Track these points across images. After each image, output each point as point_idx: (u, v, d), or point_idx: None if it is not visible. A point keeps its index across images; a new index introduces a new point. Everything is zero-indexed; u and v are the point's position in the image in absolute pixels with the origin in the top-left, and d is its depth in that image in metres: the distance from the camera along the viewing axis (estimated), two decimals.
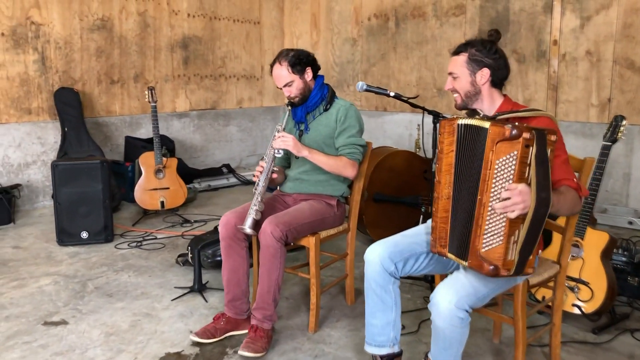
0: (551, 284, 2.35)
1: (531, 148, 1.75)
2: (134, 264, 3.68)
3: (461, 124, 1.97)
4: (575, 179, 2.00)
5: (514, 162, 1.76)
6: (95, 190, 4.04)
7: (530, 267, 1.87)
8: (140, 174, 4.64)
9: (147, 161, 4.61)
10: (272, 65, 2.81)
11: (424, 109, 2.98)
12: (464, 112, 2.27)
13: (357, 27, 6.33)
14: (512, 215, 1.76)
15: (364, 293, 2.22)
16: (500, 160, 1.79)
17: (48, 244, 4.05)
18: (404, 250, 2.12)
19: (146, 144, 5.25)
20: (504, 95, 2.22)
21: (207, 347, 2.61)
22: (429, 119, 2.96)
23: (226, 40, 6.38)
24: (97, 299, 3.13)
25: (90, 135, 5.11)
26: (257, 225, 2.59)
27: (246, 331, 2.72)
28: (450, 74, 2.20)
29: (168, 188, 4.63)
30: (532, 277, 2.15)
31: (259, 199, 2.60)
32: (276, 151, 2.67)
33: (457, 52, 2.18)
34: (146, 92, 4.68)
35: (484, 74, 2.13)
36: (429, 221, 2.17)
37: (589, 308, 2.75)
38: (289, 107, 2.81)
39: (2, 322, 2.85)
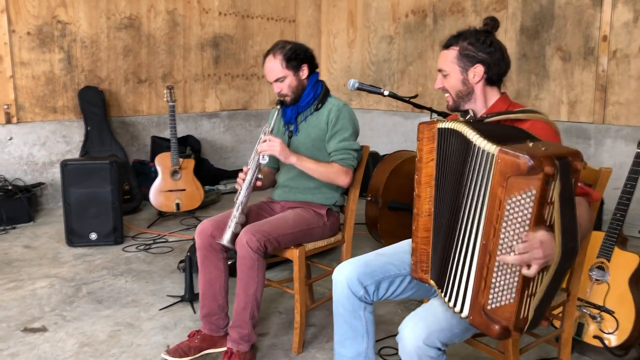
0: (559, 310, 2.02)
1: (553, 184, 1.35)
2: (135, 269, 3.56)
3: (442, 128, 1.68)
4: (580, 184, 1.67)
5: (530, 204, 1.36)
6: (104, 191, 3.96)
7: (546, 319, 1.53)
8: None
9: (163, 162, 4.50)
10: (265, 57, 2.58)
11: (431, 109, 2.68)
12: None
13: (394, 24, 6.03)
14: (530, 271, 1.38)
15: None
16: (513, 199, 1.37)
17: (58, 245, 4.00)
18: (376, 272, 1.85)
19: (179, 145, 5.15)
20: (502, 93, 1.91)
21: None
22: None
23: (259, 38, 6.23)
24: (85, 305, 3.01)
25: (114, 135, 5.06)
26: (236, 238, 2.38)
27: (224, 349, 2.51)
28: (439, 70, 1.92)
29: (184, 190, 4.51)
30: None
31: (240, 210, 2.38)
32: (261, 157, 2.44)
33: (447, 45, 1.89)
34: (165, 92, 4.57)
35: (477, 72, 1.84)
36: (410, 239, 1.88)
37: (614, 341, 2.38)
38: (279, 106, 2.58)
39: None
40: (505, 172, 1.39)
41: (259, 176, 2.46)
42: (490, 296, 1.44)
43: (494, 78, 1.85)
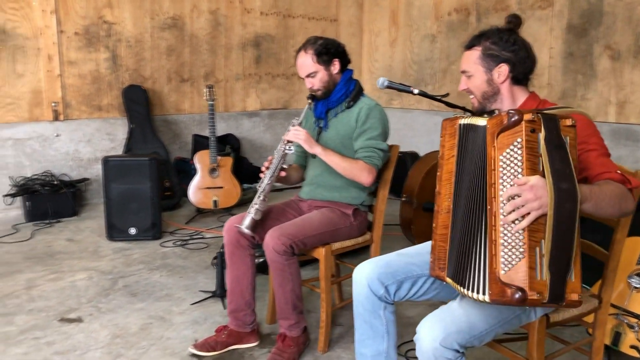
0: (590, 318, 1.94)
1: (539, 133, 1.42)
2: (171, 264, 3.62)
3: (462, 124, 1.65)
4: (619, 171, 1.61)
5: (519, 152, 1.43)
6: (144, 187, 4.05)
7: (575, 292, 1.44)
8: None
9: (202, 159, 4.57)
10: (297, 53, 2.60)
11: (464, 108, 2.62)
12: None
13: (436, 22, 5.95)
14: (526, 221, 1.40)
15: None
16: (504, 154, 1.46)
17: (99, 239, 4.12)
18: (398, 272, 1.82)
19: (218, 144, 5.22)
20: (530, 92, 1.85)
21: (205, 359, 2.45)
22: None
23: (300, 38, 6.24)
24: (120, 298, 3.08)
25: (156, 133, 5.18)
26: (257, 226, 2.40)
27: (252, 345, 2.55)
28: (463, 72, 1.87)
29: (222, 187, 4.57)
30: (554, 313, 1.77)
31: (262, 197, 2.39)
32: (287, 147, 2.45)
33: (469, 46, 1.85)
34: (204, 90, 4.64)
35: (502, 71, 1.79)
36: None
37: None
38: (310, 101, 2.59)
39: (23, 314, 2.87)
40: (493, 132, 1.48)
41: (284, 166, 2.47)
42: (502, 259, 1.44)
43: (520, 77, 1.80)
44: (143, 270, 3.51)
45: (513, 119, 1.44)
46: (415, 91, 2.35)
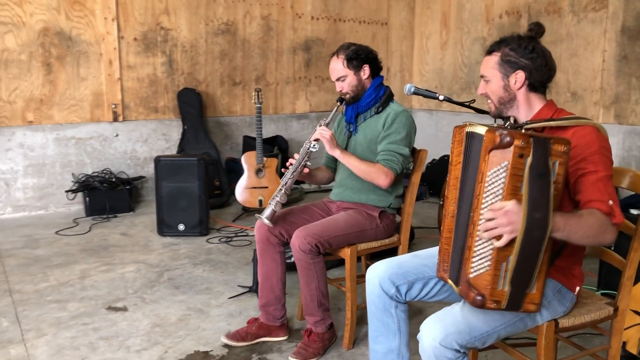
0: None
1: (527, 158, 1.46)
2: (214, 259, 3.80)
3: (469, 132, 1.70)
4: (610, 202, 1.62)
5: (504, 175, 1.49)
6: (192, 186, 4.25)
7: (533, 303, 1.57)
8: None
9: (249, 160, 4.74)
10: (330, 57, 2.73)
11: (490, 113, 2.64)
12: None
13: (487, 25, 5.90)
14: (499, 241, 1.49)
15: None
16: (492, 171, 1.52)
17: (151, 234, 4.35)
18: (409, 273, 1.89)
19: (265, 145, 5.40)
20: (548, 101, 1.87)
21: (235, 350, 2.58)
22: None
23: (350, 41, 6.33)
24: (164, 290, 3.27)
25: (208, 134, 5.40)
26: (280, 220, 2.56)
27: (280, 339, 2.67)
28: (482, 76, 1.92)
29: (267, 187, 4.72)
30: (563, 318, 1.79)
31: (283, 191, 2.50)
32: (312, 145, 2.56)
33: (489, 51, 1.88)
34: (253, 94, 4.80)
35: (519, 78, 1.81)
36: None
37: None
38: (339, 103, 2.69)
39: (75, 302, 3.10)
40: (487, 147, 1.53)
41: (308, 163, 2.58)
42: (473, 264, 1.57)
43: (537, 84, 1.82)
44: (187, 264, 3.70)
45: (505, 141, 1.48)
46: (441, 97, 2.40)
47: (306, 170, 2.57)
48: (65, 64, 4.89)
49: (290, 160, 2.59)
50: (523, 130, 1.59)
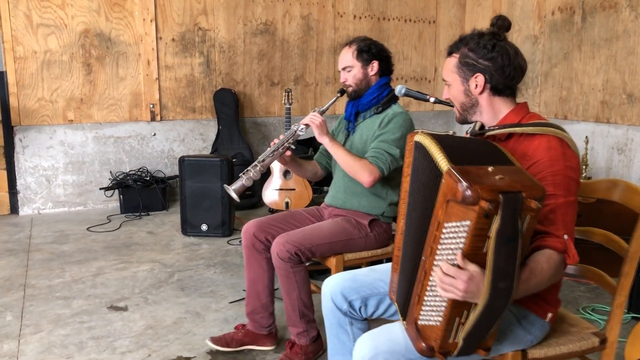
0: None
1: (494, 218, 1.22)
2: (229, 261, 3.75)
3: (416, 142, 1.53)
4: (565, 236, 1.41)
5: (464, 234, 1.26)
6: (215, 187, 4.24)
7: (484, 348, 1.37)
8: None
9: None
10: (342, 46, 2.66)
11: None
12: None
13: (539, 23, 5.54)
14: (444, 294, 1.30)
15: None
16: (450, 225, 1.28)
17: (176, 233, 4.38)
18: (363, 287, 1.74)
19: (298, 145, 5.33)
20: (518, 104, 1.67)
21: (218, 356, 2.51)
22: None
23: (395, 41, 6.15)
24: (169, 291, 3.26)
25: (242, 134, 5.38)
26: (245, 192, 2.49)
27: (267, 348, 2.58)
28: (443, 80, 1.74)
29: (294, 189, 4.63)
30: (533, 349, 1.58)
31: (259, 167, 2.41)
32: (299, 128, 2.47)
33: (449, 52, 1.70)
34: (283, 94, 4.74)
35: (479, 81, 1.63)
36: None
37: None
38: (339, 94, 2.60)
39: (81, 299, 3.14)
40: (445, 195, 1.28)
41: (292, 146, 2.48)
42: (422, 313, 1.38)
43: (500, 87, 1.62)
44: (201, 265, 3.68)
45: (468, 200, 1.21)
46: (432, 99, 2.22)
47: (288, 153, 2.49)
48: (104, 64, 5.01)
49: (275, 140, 2.50)
50: (497, 178, 1.24)
